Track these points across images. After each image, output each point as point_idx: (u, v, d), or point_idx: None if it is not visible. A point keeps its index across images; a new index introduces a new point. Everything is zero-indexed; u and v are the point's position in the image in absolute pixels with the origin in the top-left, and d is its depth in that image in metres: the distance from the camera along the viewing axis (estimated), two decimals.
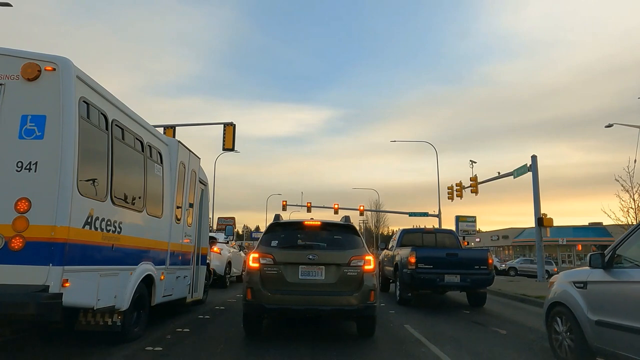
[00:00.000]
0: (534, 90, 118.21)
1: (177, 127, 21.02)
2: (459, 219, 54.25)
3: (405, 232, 14.22)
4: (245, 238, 75.94)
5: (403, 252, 11.73)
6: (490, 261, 10.71)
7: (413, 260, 10.93)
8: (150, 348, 5.75)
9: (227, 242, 16.54)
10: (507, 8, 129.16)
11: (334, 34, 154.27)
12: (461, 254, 11.41)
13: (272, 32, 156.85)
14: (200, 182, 9.51)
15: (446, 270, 10.83)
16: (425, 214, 41.51)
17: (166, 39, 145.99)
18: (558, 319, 5.51)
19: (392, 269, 12.83)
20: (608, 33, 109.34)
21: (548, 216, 22.44)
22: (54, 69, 4.67)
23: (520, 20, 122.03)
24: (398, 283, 11.78)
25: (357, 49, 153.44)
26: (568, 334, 5.28)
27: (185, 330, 7.08)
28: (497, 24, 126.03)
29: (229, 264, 15.30)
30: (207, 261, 10.46)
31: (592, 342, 4.85)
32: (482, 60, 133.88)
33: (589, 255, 5.22)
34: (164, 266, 7.12)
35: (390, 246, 14.64)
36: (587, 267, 5.18)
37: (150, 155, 6.81)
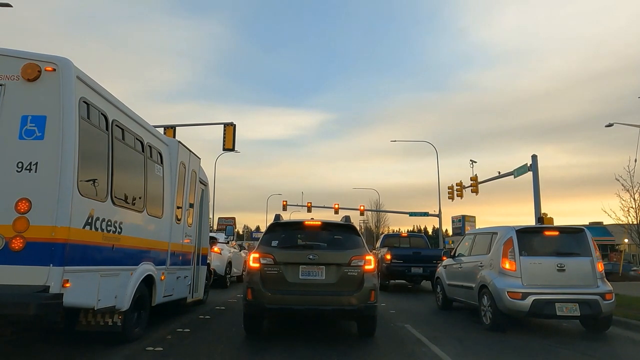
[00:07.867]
0: (515, 96, 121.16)
1: (176, 129, 20.99)
2: (465, 218, 54.69)
3: (386, 237, 18.56)
4: (246, 238, 75.77)
5: (383, 251, 15.61)
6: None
7: (389, 257, 14.92)
8: (151, 348, 5.75)
9: (228, 242, 16.52)
10: (485, 20, 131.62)
11: (325, 40, 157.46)
12: (424, 252, 15.19)
13: (263, 40, 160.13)
14: (201, 182, 9.51)
15: (413, 264, 14.81)
16: (426, 214, 41.43)
17: (161, 49, 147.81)
18: (437, 285, 11.00)
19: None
20: (581, 43, 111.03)
21: (548, 216, 22.37)
22: (54, 70, 4.67)
23: (497, 31, 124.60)
24: (380, 273, 14.71)
25: (346, 57, 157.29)
26: (440, 290, 10.72)
27: (185, 330, 7.08)
28: (477, 34, 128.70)
29: (229, 264, 15.29)
30: (208, 261, 10.47)
31: (449, 294, 10.20)
32: (465, 68, 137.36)
33: (445, 251, 11.63)
34: (164, 266, 7.12)
35: (376, 247, 18.85)
36: (449, 258, 10.42)
37: (151, 156, 6.81)
